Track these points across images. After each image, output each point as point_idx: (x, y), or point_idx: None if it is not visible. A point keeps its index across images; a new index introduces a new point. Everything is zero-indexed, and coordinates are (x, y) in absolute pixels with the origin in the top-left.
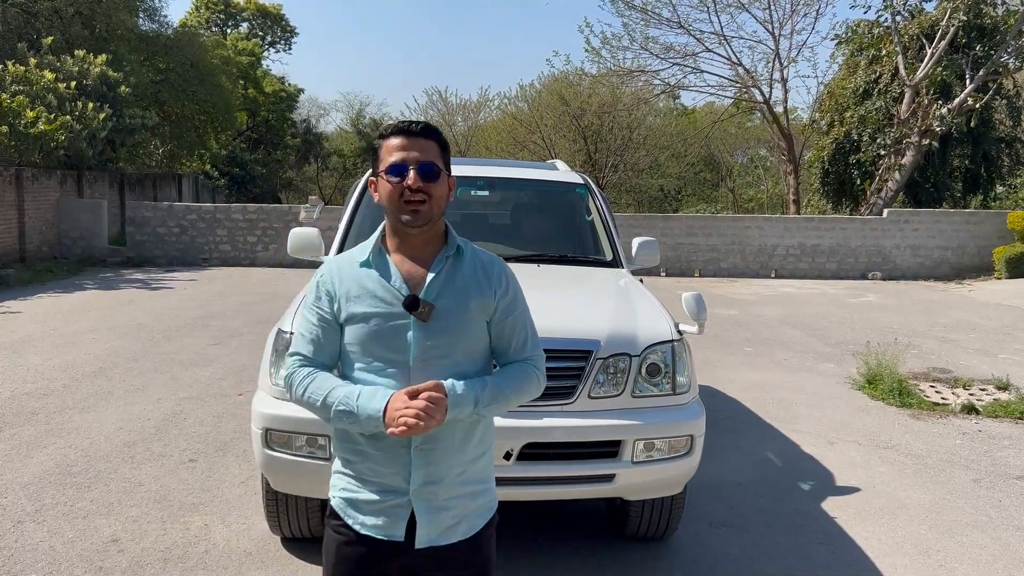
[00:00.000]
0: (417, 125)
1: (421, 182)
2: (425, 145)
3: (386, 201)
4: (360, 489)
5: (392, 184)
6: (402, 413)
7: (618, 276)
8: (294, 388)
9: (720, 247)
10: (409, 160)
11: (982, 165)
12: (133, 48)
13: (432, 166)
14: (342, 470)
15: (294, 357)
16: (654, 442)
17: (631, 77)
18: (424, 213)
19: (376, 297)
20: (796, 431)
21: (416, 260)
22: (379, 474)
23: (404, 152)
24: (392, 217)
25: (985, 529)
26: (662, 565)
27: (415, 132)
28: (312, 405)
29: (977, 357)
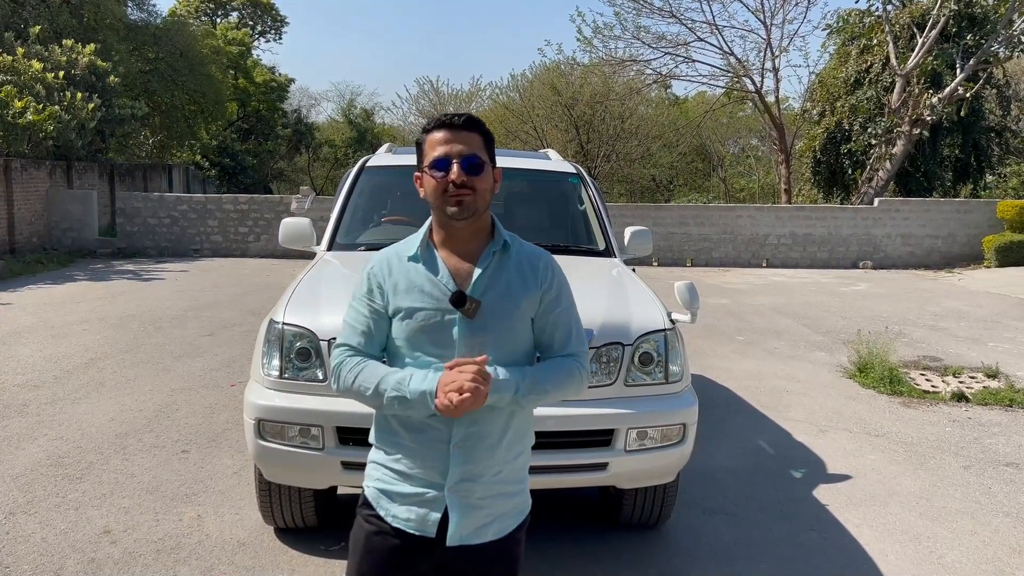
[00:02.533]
0: (460, 118)
1: (465, 176)
2: (468, 138)
3: (431, 196)
4: (396, 481)
5: (436, 179)
6: (449, 388)
7: (611, 265)
8: (342, 377)
9: (712, 236)
10: (452, 154)
11: (972, 154)
12: (122, 37)
13: (476, 159)
14: (379, 461)
15: (342, 347)
16: (647, 431)
17: (623, 67)
18: (469, 205)
19: (424, 292)
20: (788, 419)
21: (463, 255)
22: (417, 468)
23: (447, 146)
24: (438, 211)
25: (975, 515)
26: (656, 553)
27: (458, 125)
28: (362, 393)
29: (967, 345)
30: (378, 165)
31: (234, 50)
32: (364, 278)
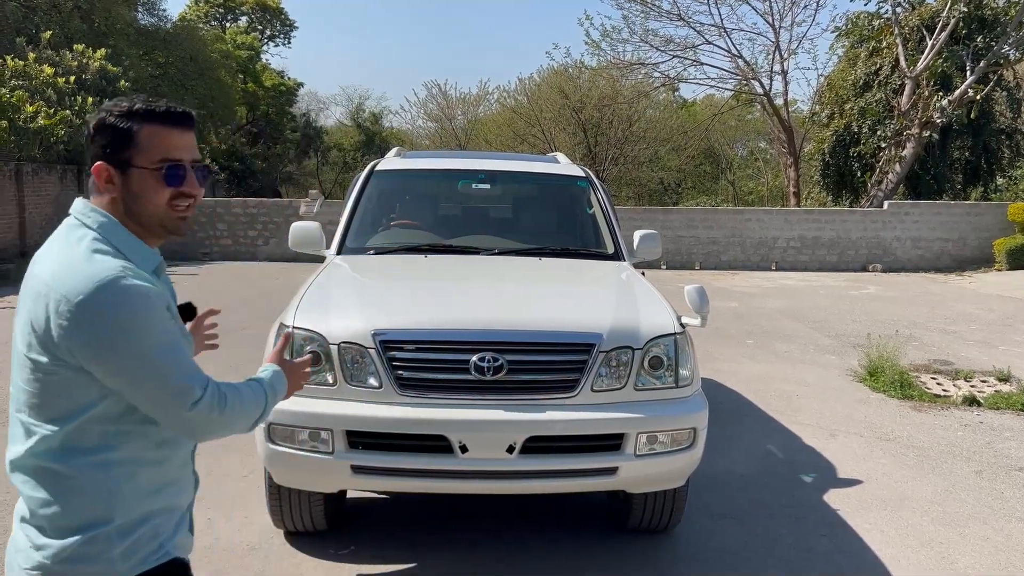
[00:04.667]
0: (186, 112)
1: (198, 187)
2: (192, 139)
3: (150, 202)
4: (176, 531)
5: (163, 185)
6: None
7: (620, 269)
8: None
9: (720, 240)
10: (187, 160)
11: (982, 157)
12: (132, 42)
13: (207, 169)
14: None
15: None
16: (657, 435)
17: (631, 70)
18: (191, 220)
19: (172, 310)
20: (798, 423)
21: None
22: (186, 495)
23: (181, 150)
24: (151, 220)
25: (987, 521)
26: (665, 557)
27: (188, 123)
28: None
29: (978, 349)
30: (387, 169)
31: (243, 54)
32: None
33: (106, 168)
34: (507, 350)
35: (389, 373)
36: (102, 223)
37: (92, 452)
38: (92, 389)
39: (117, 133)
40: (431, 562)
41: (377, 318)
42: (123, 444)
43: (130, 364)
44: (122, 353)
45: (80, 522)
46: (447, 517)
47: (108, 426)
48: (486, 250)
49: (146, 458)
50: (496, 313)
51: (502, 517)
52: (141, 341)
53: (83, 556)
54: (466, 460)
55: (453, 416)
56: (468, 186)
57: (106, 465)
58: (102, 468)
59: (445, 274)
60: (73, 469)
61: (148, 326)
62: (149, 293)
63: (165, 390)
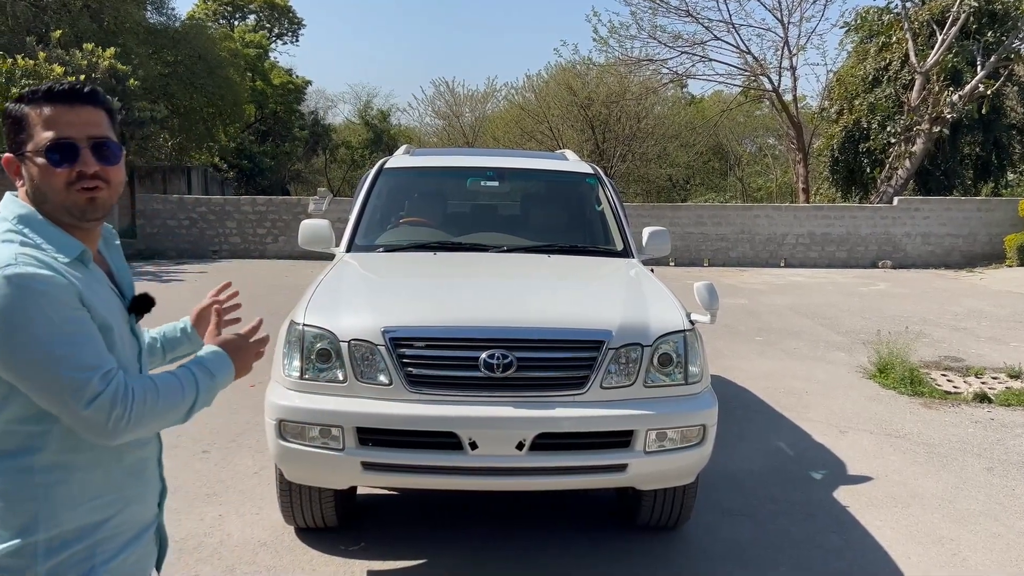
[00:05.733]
0: (82, 86)
1: (98, 165)
2: (94, 115)
3: (48, 189)
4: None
5: (55, 167)
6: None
7: (629, 266)
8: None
9: (729, 236)
10: (78, 136)
11: (993, 152)
12: (141, 41)
13: (112, 144)
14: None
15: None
16: (666, 432)
17: (639, 66)
18: (104, 202)
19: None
20: (807, 420)
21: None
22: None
23: (68, 126)
24: (58, 208)
25: (998, 518)
26: (675, 554)
27: (81, 97)
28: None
29: (989, 345)
30: (396, 167)
31: (252, 52)
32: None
33: (12, 160)
34: (516, 347)
35: (399, 370)
36: (19, 214)
37: (14, 455)
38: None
39: (10, 122)
40: (441, 558)
41: (387, 316)
42: (48, 446)
43: (17, 356)
44: (8, 345)
45: (6, 531)
46: (457, 514)
47: (31, 426)
48: (495, 247)
49: (78, 462)
50: (505, 310)
51: (512, 514)
52: (27, 331)
53: (5, 568)
54: (476, 457)
55: (463, 413)
56: (477, 183)
57: (30, 470)
58: (25, 473)
59: (454, 271)
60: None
61: (37, 316)
62: (44, 281)
63: (56, 384)
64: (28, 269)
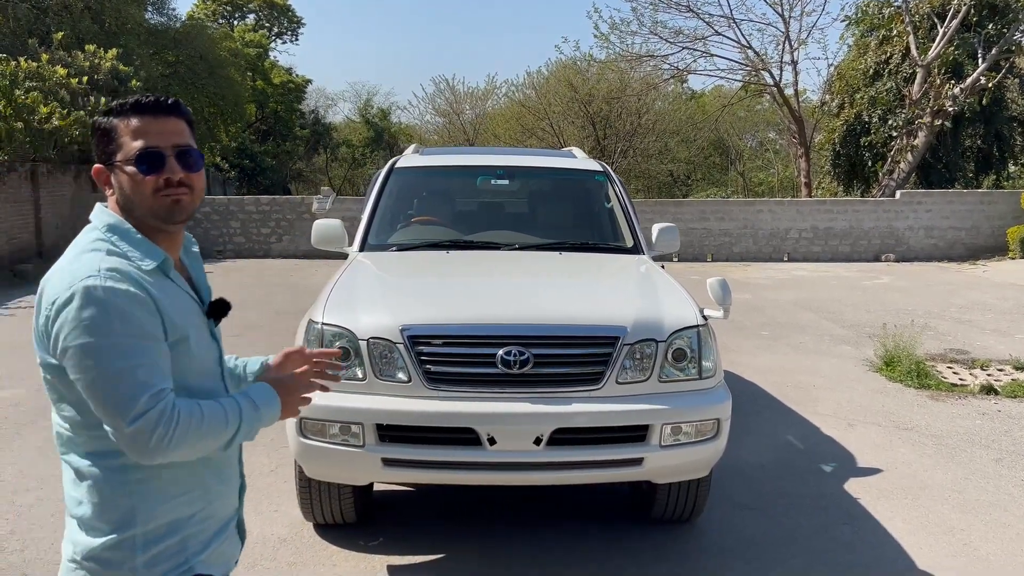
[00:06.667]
0: (166, 100)
1: (183, 172)
2: (177, 125)
3: (135, 196)
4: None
5: (142, 176)
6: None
7: (639, 262)
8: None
9: (732, 231)
10: (164, 145)
11: (995, 145)
12: (142, 42)
13: (195, 152)
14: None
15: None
16: (681, 426)
17: (640, 62)
18: (188, 206)
19: (189, 309)
20: (816, 414)
21: (176, 261)
22: (228, 506)
23: (154, 136)
24: (145, 213)
25: (1008, 508)
26: (689, 547)
27: (165, 109)
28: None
29: (994, 337)
30: (407, 166)
31: (252, 52)
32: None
33: (102, 170)
34: (533, 344)
35: (417, 367)
36: (108, 223)
37: (108, 456)
38: None
39: (101, 133)
40: (459, 553)
41: (405, 314)
42: None
43: (82, 364)
44: (77, 355)
45: (106, 525)
46: (473, 509)
47: None
48: (506, 245)
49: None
50: (521, 308)
51: (527, 508)
52: (94, 343)
53: (107, 560)
54: (494, 452)
55: (481, 409)
56: (487, 182)
57: (124, 469)
58: (120, 471)
59: (468, 270)
60: (96, 471)
61: (106, 329)
62: (119, 295)
63: (109, 397)
64: (107, 283)
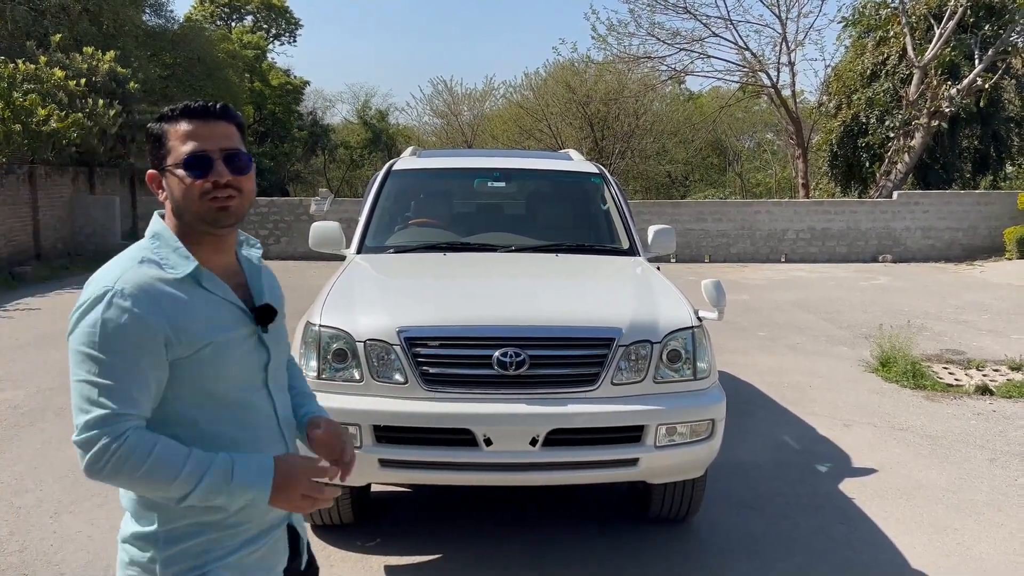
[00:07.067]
0: (215, 105)
1: (231, 175)
2: (227, 129)
3: (182, 199)
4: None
5: (191, 180)
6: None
7: (635, 264)
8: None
9: (730, 232)
10: (212, 149)
11: (992, 145)
12: (140, 44)
13: (243, 155)
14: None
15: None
16: (676, 427)
17: (637, 63)
18: (236, 209)
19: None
20: (812, 414)
21: (226, 265)
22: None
23: (203, 140)
24: (193, 217)
25: (1002, 507)
26: (686, 547)
27: (214, 114)
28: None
29: (990, 338)
30: (404, 169)
31: (250, 54)
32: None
33: (155, 175)
34: (529, 345)
35: (414, 369)
36: (155, 231)
37: None
38: None
39: (153, 139)
40: (457, 553)
41: (402, 316)
42: None
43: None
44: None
45: (139, 517)
46: (471, 509)
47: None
48: (503, 247)
49: None
50: (517, 309)
51: (524, 508)
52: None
53: (137, 549)
54: (490, 453)
55: (477, 410)
56: (484, 184)
57: None
58: None
59: (465, 272)
60: None
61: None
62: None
63: (74, 404)
64: (114, 298)
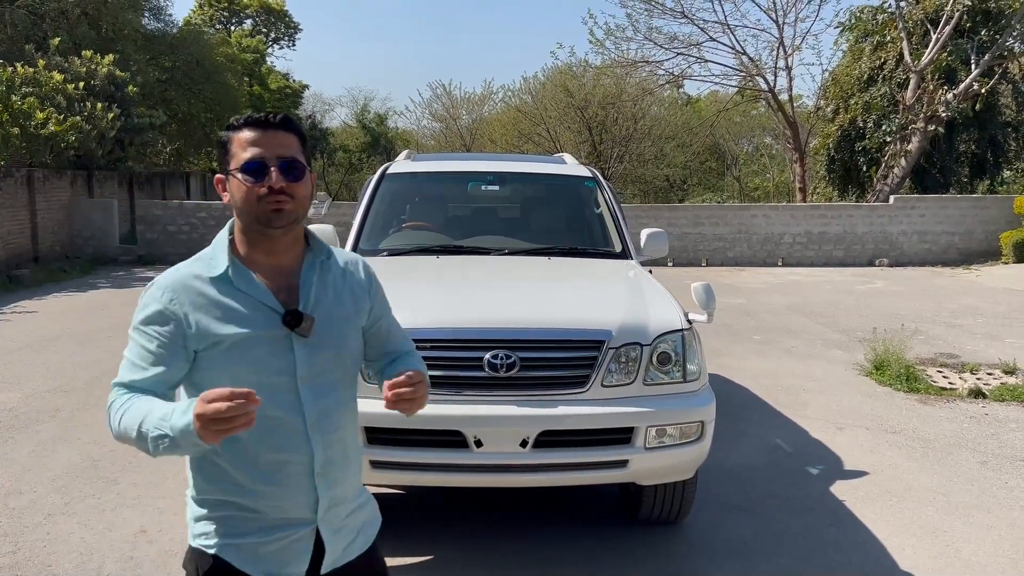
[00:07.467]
0: (275, 116)
1: (284, 181)
2: (285, 139)
3: (241, 202)
4: (248, 533)
5: (249, 184)
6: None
7: (627, 267)
8: (112, 420)
9: (727, 236)
10: (269, 156)
11: (988, 150)
12: (139, 47)
13: (296, 162)
14: (214, 515)
15: (116, 387)
16: (666, 428)
17: (635, 68)
18: (288, 213)
19: (243, 316)
20: (805, 417)
21: (278, 268)
22: (281, 509)
23: (261, 148)
24: (249, 220)
25: (991, 510)
26: (677, 548)
27: (273, 124)
28: (130, 437)
29: (984, 342)
30: (398, 172)
31: (249, 57)
32: (153, 308)
33: (221, 179)
34: (520, 347)
35: None
36: (220, 233)
37: None
38: None
39: (220, 146)
40: (448, 554)
41: None
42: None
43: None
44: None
45: (191, 483)
46: (462, 511)
47: None
48: (496, 250)
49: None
50: (509, 312)
51: (516, 510)
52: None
53: (187, 504)
54: (481, 454)
55: (468, 412)
56: (478, 188)
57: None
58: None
59: (457, 274)
60: None
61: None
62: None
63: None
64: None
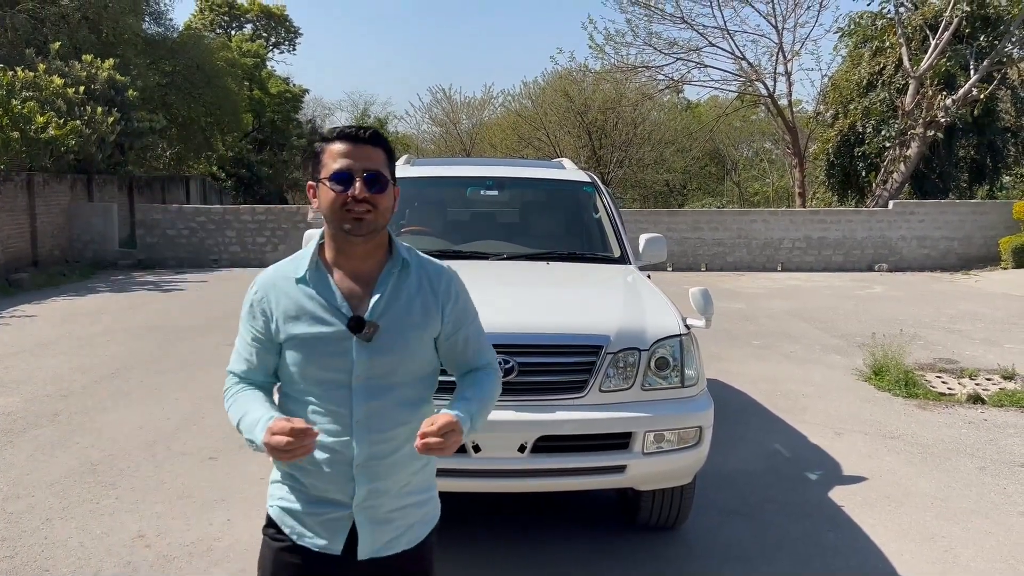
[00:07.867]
0: (365, 131)
1: (367, 192)
2: (372, 153)
3: (327, 210)
4: (299, 501)
5: (335, 193)
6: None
7: (626, 272)
8: (227, 406)
9: (726, 241)
10: (355, 168)
11: (988, 155)
12: (139, 52)
13: (380, 175)
14: (281, 480)
15: (229, 375)
16: (664, 434)
17: (635, 73)
18: (369, 222)
19: (315, 317)
20: (804, 422)
21: (358, 274)
22: (320, 489)
23: (349, 160)
24: (334, 226)
25: (989, 515)
26: (675, 553)
27: (362, 138)
28: (233, 426)
29: (983, 347)
30: (397, 177)
31: (249, 62)
32: (247, 303)
33: (312, 186)
34: (518, 352)
35: None
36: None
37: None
38: None
39: (313, 155)
40: (446, 558)
41: None
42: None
43: None
44: None
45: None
46: (462, 516)
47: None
48: (495, 255)
49: None
50: (507, 317)
51: (516, 515)
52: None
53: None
54: (479, 459)
55: None
56: (477, 193)
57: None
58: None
59: None
60: None
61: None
62: (251, 292)
63: None
64: (255, 284)
